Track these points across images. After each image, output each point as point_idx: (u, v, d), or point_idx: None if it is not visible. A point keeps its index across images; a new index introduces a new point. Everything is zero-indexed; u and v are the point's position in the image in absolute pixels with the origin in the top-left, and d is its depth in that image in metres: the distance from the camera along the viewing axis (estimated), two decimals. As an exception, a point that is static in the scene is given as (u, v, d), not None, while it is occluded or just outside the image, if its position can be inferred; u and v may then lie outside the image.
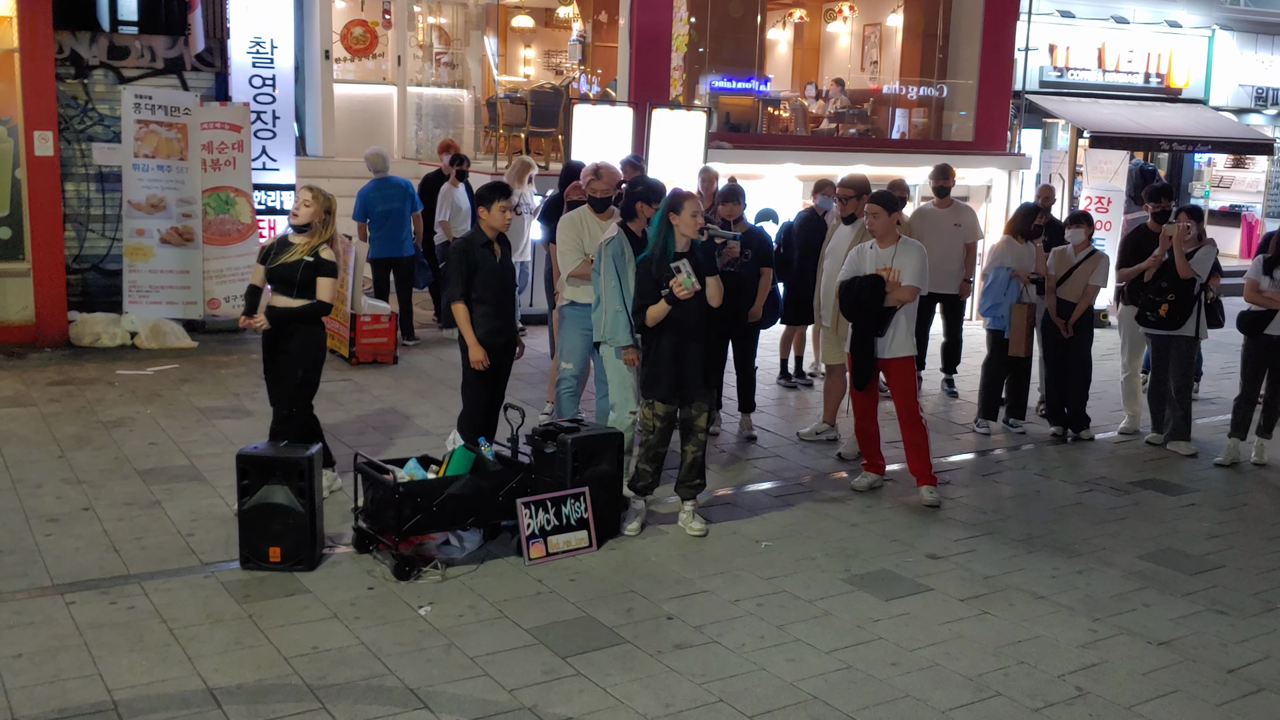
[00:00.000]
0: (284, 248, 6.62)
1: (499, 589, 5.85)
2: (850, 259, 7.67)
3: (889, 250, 7.46)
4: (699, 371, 6.61)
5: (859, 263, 7.57)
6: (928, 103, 17.59)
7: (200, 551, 6.18)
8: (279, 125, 12.30)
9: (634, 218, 7.20)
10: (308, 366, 6.71)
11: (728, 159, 14.05)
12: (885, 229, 7.45)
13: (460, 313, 6.94)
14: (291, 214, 6.68)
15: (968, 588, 6.18)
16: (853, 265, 7.61)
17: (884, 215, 7.43)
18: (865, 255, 7.56)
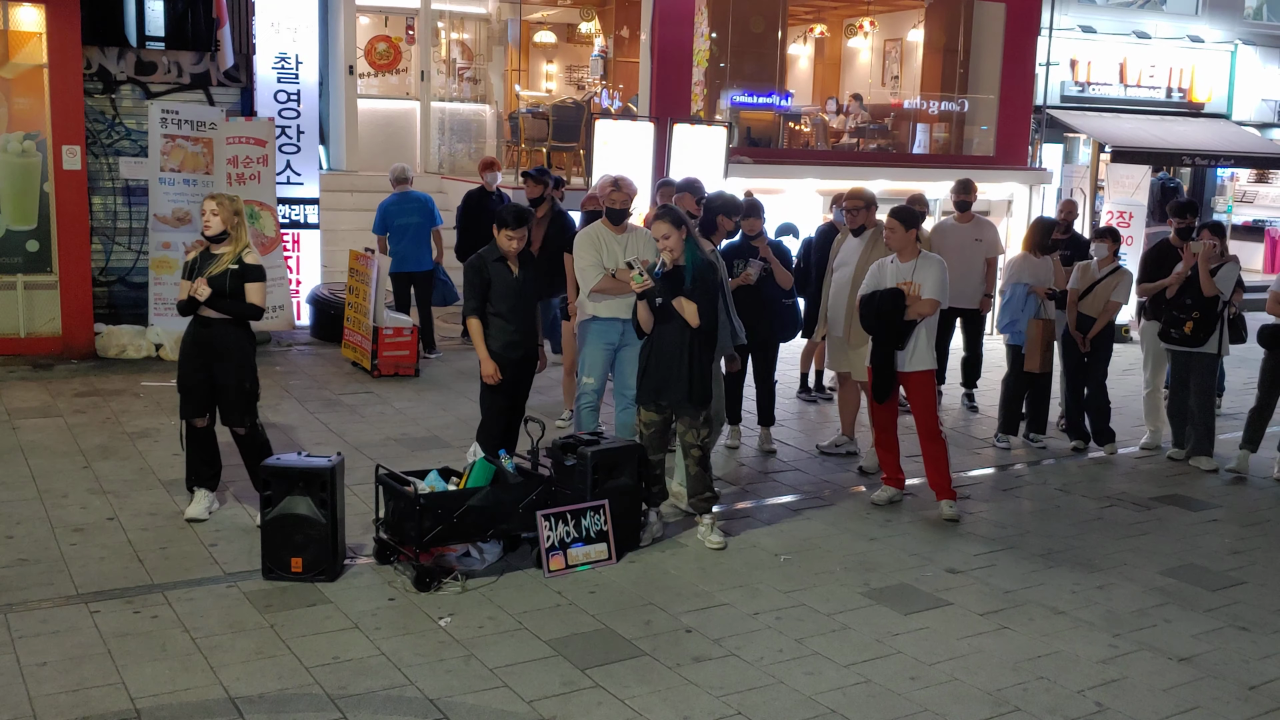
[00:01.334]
0: (208, 260, 6.59)
1: (519, 601, 5.86)
2: (871, 273, 7.68)
3: (909, 264, 7.46)
4: (679, 383, 6.59)
5: (879, 277, 7.57)
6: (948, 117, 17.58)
7: (223, 561, 6.21)
8: (303, 140, 12.40)
9: (714, 231, 7.30)
10: (251, 379, 6.76)
11: (748, 173, 14.08)
12: (903, 243, 7.45)
13: (474, 327, 6.98)
14: (204, 226, 6.61)
15: (987, 602, 6.16)
16: (873, 279, 7.61)
17: (901, 230, 7.44)
18: (886, 270, 7.56)
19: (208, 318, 6.62)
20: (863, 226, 8.39)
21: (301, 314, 12.33)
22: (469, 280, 6.97)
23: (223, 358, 6.64)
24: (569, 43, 20.73)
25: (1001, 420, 9.49)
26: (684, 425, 6.68)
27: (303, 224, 12.45)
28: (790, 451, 8.92)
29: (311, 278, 12.52)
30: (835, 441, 8.96)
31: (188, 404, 6.75)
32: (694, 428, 6.67)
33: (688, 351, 6.56)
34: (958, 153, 17.46)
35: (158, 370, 10.67)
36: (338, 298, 11.91)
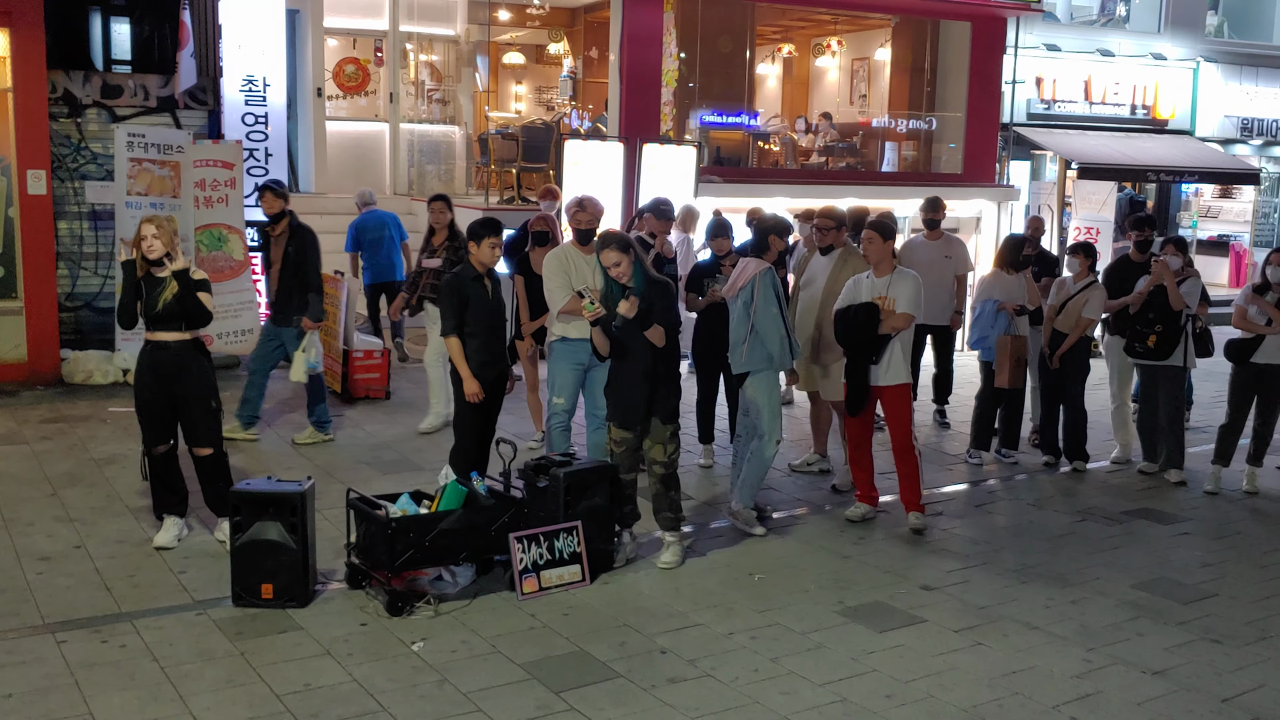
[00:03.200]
0: (155, 284, 6.52)
1: (492, 624, 5.84)
2: (847, 289, 7.72)
3: (884, 279, 7.52)
4: (642, 400, 6.58)
5: (855, 292, 7.62)
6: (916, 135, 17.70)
7: (192, 589, 6.16)
8: (271, 162, 12.34)
9: (766, 250, 7.35)
10: (216, 397, 6.74)
11: (718, 192, 14.13)
12: (881, 255, 7.51)
13: (455, 346, 6.99)
14: (146, 250, 6.49)
15: (962, 619, 6.18)
16: (849, 294, 7.65)
17: (879, 241, 7.50)
18: (861, 285, 7.61)
19: (163, 341, 6.56)
20: (831, 246, 8.41)
21: (270, 337, 12.23)
22: (447, 299, 6.95)
23: (183, 378, 6.59)
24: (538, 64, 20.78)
25: (973, 436, 9.53)
26: (650, 442, 6.68)
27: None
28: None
29: (281, 302, 12.43)
30: (808, 460, 8.97)
31: (150, 431, 6.69)
32: (660, 443, 6.66)
33: (653, 371, 6.56)
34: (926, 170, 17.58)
35: (124, 396, 10.57)
36: (307, 321, 11.83)
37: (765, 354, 7.31)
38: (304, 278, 8.83)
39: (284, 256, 8.88)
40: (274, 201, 9.01)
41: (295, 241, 8.91)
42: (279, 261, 8.90)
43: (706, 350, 8.72)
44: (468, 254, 9.09)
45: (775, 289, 7.29)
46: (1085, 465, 9.38)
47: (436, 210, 9.53)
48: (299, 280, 8.83)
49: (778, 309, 7.28)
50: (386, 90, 17.46)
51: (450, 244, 9.37)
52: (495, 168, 15.74)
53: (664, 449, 6.66)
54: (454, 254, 9.25)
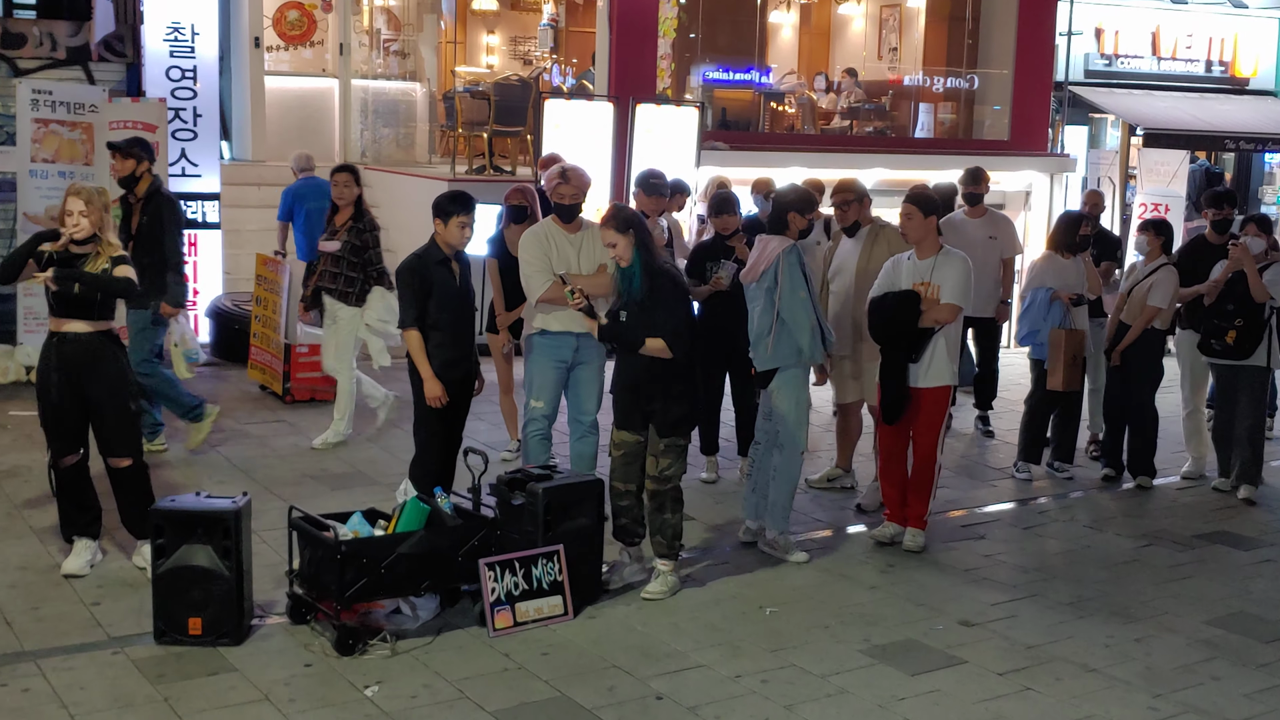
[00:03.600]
0: (71, 264, 6.48)
1: (459, 665, 5.83)
2: (885, 271, 7.73)
3: (928, 262, 7.51)
4: (636, 405, 6.63)
5: (893, 276, 7.63)
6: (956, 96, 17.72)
7: (107, 623, 6.14)
8: (201, 124, 12.33)
9: (785, 230, 7.37)
10: (135, 398, 6.75)
11: (724, 161, 14.12)
12: (922, 233, 7.52)
13: (414, 340, 6.97)
14: (71, 226, 6.45)
15: (1007, 660, 6.19)
16: (887, 279, 7.66)
17: (918, 217, 7.51)
18: (901, 267, 7.62)
19: (73, 333, 6.54)
20: (856, 224, 8.41)
21: (200, 329, 12.23)
22: (406, 285, 6.91)
23: (95, 376, 6.57)
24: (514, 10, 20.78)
25: (1022, 447, 9.54)
26: (650, 450, 6.70)
27: (201, 223, 12.36)
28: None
29: (212, 287, 12.44)
30: (829, 475, 8.99)
31: (58, 439, 6.67)
32: (654, 455, 6.68)
33: (649, 374, 6.58)
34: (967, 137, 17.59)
35: (29, 396, 10.52)
36: (242, 310, 11.83)
37: (794, 347, 7.31)
38: (161, 255, 8.54)
39: (138, 228, 8.56)
40: (124, 163, 8.62)
41: (150, 209, 8.58)
42: (135, 231, 8.56)
43: (710, 346, 8.72)
44: (372, 236, 9.06)
45: (802, 269, 7.31)
46: (1152, 481, 9.41)
47: (342, 183, 9.24)
48: (155, 258, 8.47)
49: (806, 293, 7.29)
50: (335, 40, 17.42)
51: (355, 225, 9.16)
52: (463, 132, 15.72)
53: (656, 463, 6.67)
54: (357, 236, 9.11)
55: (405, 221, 14.84)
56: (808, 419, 7.49)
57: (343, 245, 9.16)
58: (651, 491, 6.73)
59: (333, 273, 9.20)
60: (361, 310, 9.24)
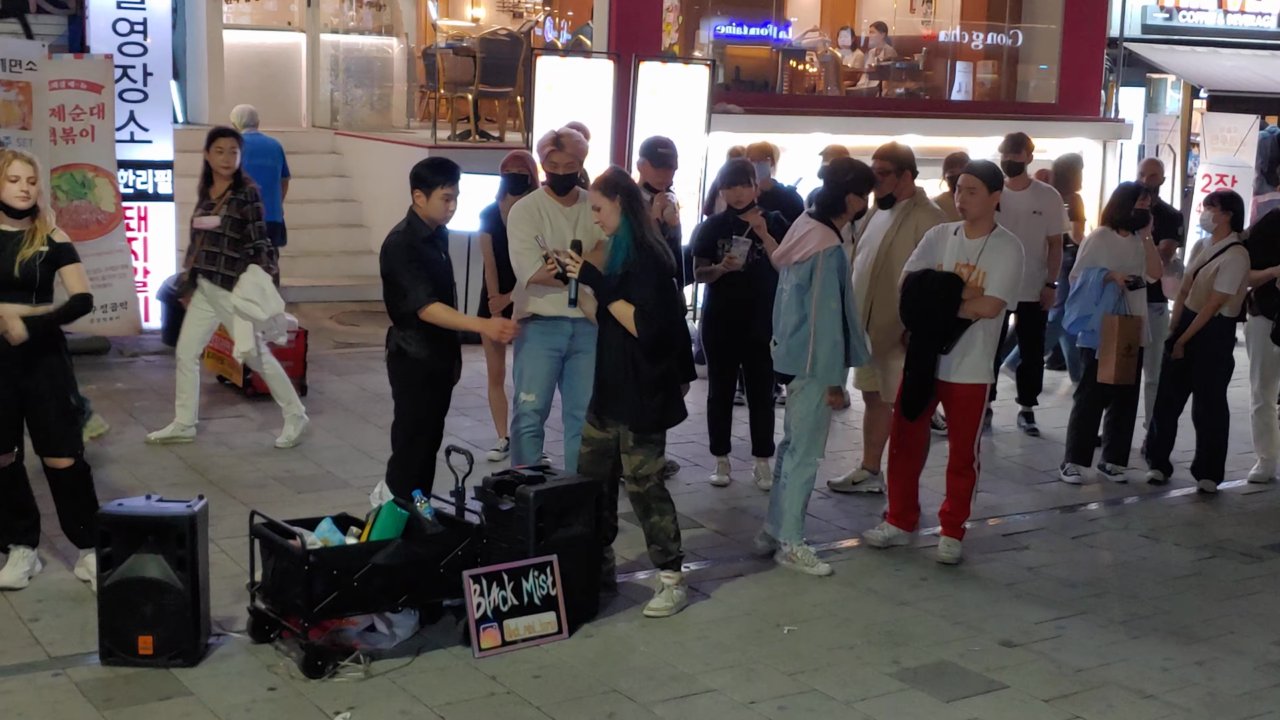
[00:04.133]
0: (7, 241, 6.49)
1: (440, 689, 5.84)
2: (927, 242, 7.73)
3: (977, 242, 7.51)
4: (609, 394, 6.69)
5: (936, 248, 7.63)
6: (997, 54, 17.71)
7: (47, 642, 6.14)
8: (152, 84, 12.30)
9: (840, 213, 7.37)
10: (75, 392, 6.75)
11: (738, 126, 14.11)
12: (983, 210, 7.52)
13: (441, 312, 6.89)
14: (16, 198, 6.46)
15: (1054, 684, 6.19)
16: (928, 251, 7.66)
17: (983, 192, 7.51)
18: (947, 241, 7.62)
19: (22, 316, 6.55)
20: (891, 196, 8.42)
21: (150, 314, 12.22)
22: (406, 263, 6.85)
23: (33, 368, 6.57)
24: (502, -44, 20.75)
25: (1070, 447, 9.54)
26: (624, 448, 6.74)
27: (152, 195, 12.34)
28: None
29: (164, 266, 12.42)
30: (853, 478, 8.99)
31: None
32: (626, 453, 6.72)
33: (619, 359, 6.62)
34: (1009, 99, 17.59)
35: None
36: (198, 292, 11.82)
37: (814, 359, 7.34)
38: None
39: None
40: None
41: None
42: None
43: (721, 335, 8.72)
44: (253, 208, 8.93)
45: (841, 277, 7.29)
46: (1216, 486, 9.41)
47: (228, 149, 9.06)
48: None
49: (839, 303, 7.27)
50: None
51: (234, 196, 9.01)
52: (446, 93, 15.72)
53: (629, 461, 6.71)
54: (237, 209, 8.96)
55: (380, 193, 14.90)
56: (824, 426, 7.49)
57: (222, 220, 8.98)
58: (632, 495, 6.76)
59: (210, 252, 9.00)
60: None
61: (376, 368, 10.67)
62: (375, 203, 15.14)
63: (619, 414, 6.67)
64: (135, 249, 12.08)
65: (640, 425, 6.64)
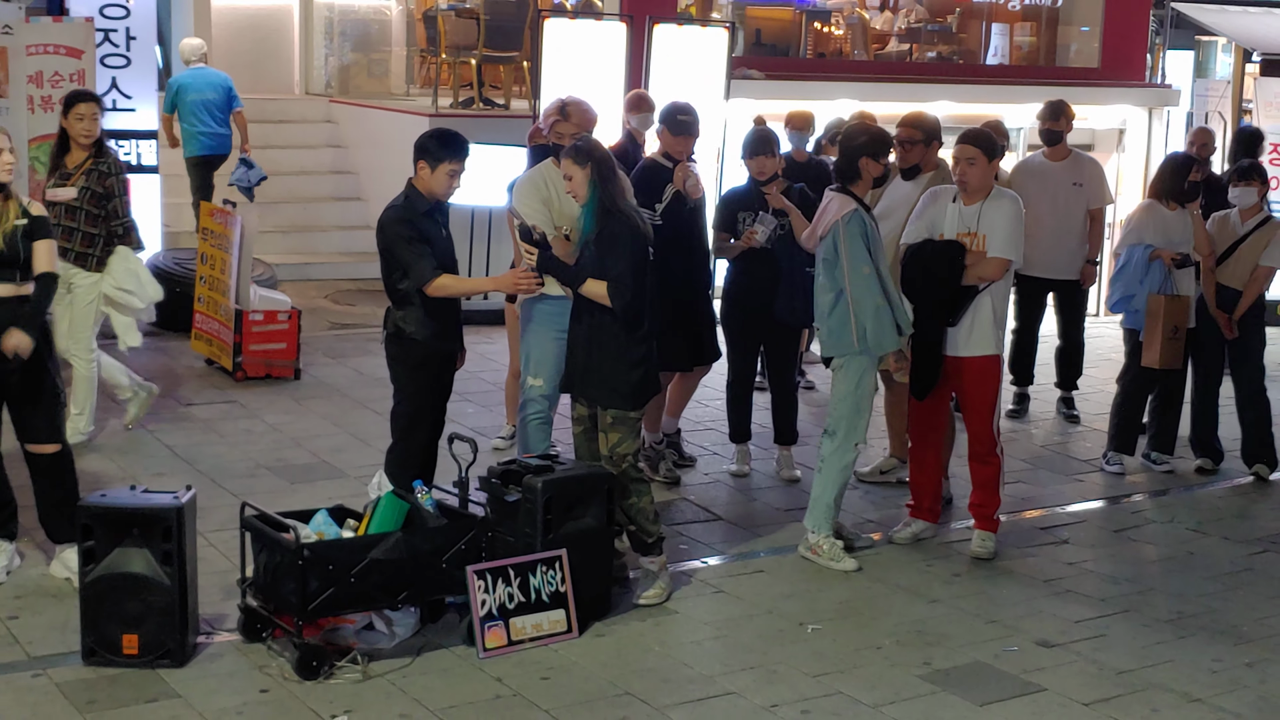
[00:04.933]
0: None
1: (442, 691, 5.85)
2: (923, 207, 7.77)
3: (974, 208, 7.54)
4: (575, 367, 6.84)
5: (933, 217, 7.66)
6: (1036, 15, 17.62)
7: (26, 641, 6.17)
8: (135, 49, 12.31)
9: (856, 179, 7.42)
10: (59, 374, 6.79)
11: (758, 92, 14.07)
12: (983, 181, 7.53)
13: (450, 283, 6.90)
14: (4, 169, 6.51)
15: (1095, 687, 6.19)
16: (926, 219, 7.70)
17: (983, 162, 7.53)
18: (945, 210, 7.65)
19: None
20: (917, 166, 8.41)
21: (135, 292, 12.24)
22: (407, 238, 6.84)
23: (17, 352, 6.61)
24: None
25: (1113, 434, 9.52)
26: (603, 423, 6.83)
27: (136, 167, 12.35)
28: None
29: (149, 242, 12.42)
30: (881, 466, 8.99)
31: None
32: (604, 431, 6.81)
33: (608, 336, 6.73)
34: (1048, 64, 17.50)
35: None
36: (185, 270, 11.85)
37: (859, 331, 7.36)
38: None
39: None
40: None
41: None
42: None
43: (742, 315, 8.72)
44: (118, 181, 8.69)
45: (866, 238, 7.32)
46: (1271, 472, 9.40)
47: (89, 115, 8.68)
48: None
49: (871, 268, 7.30)
50: (295, -52, 17.42)
51: (95, 167, 8.68)
52: (447, 58, 15.70)
53: (606, 439, 6.81)
54: (99, 182, 8.66)
55: (378, 164, 14.90)
56: (869, 408, 7.50)
57: (80, 192, 8.65)
58: (626, 474, 6.82)
59: (68, 228, 8.63)
60: (101, 276, 8.82)
61: (374, 350, 10.69)
62: (373, 175, 15.14)
63: (596, 394, 6.80)
64: (118, 224, 12.09)
65: (617, 403, 6.74)
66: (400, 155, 7.45)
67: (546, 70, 12.51)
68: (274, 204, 14.17)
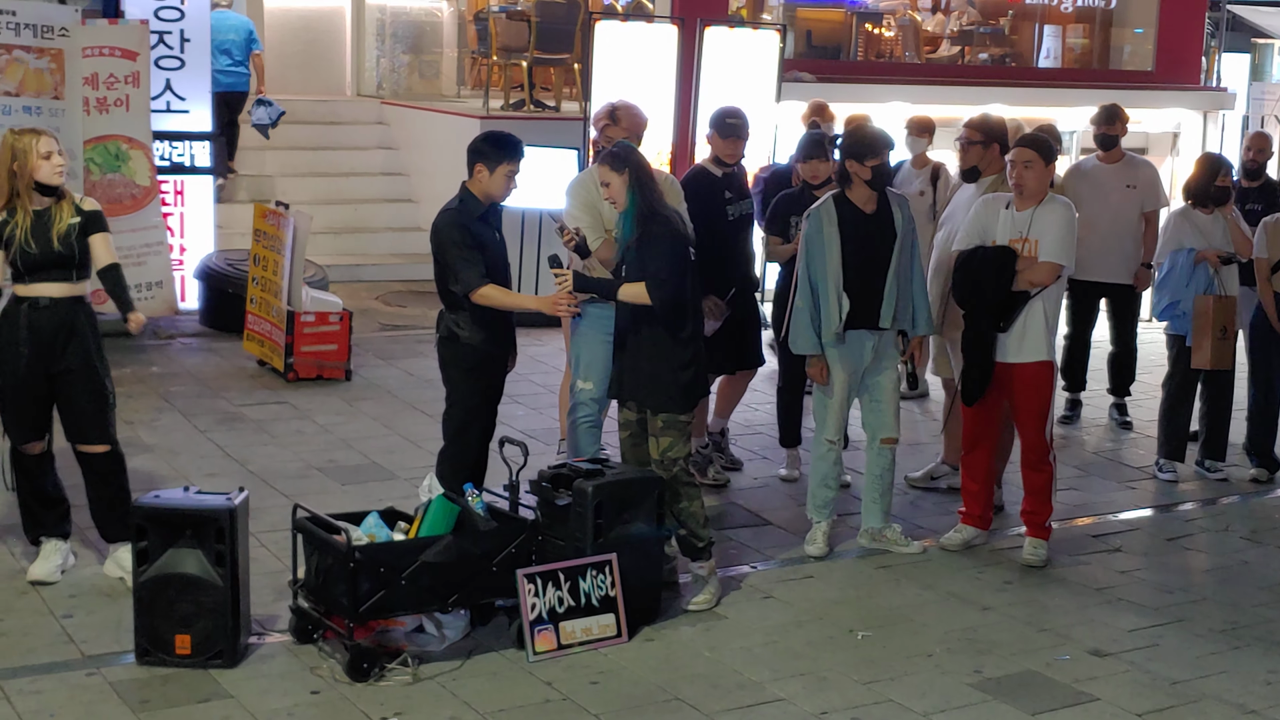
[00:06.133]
0: (39, 220, 6.57)
1: (492, 694, 5.86)
2: (975, 215, 7.74)
3: (1027, 213, 7.53)
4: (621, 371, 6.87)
5: (985, 222, 7.65)
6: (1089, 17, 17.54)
7: (81, 640, 6.22)
8: (189, 51, 12.39)
9: (848, 183, 7.47)
10: (109, 375, 6.84)
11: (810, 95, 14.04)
12: (1039, 185, 7.51)
13: (495, 294, 6.89)
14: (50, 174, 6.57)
15: (1147, 697, 6.15)
16: (978, 226, 7.68)
17: (1039, 166, 7.50)
18: (998, 216, 7.63)
19: (46, 298, 6.62)
20: (976, 169, 8.39)
21: (187, 294, 12.34)
22: (460, 244, 6.85)
23: (69, 350, 6.66)
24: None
25: (1162, 440, 9.45)
26: (654, 429, 6.82)
27: (189, 168, 12.43)
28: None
29: (202, 243, 12.53)
30: (932, 472, 8.95)
31: (19, 422, 6.77)
32: (654, 436, 6.80)
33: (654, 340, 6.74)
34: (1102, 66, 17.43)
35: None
36: (238, 271, 11.93)
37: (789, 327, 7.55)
38: None
39: None
40: None
41: None
42: None
43: None
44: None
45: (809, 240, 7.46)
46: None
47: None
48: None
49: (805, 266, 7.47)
50: (348, -49, 17.50)
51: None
52: (498, 60, 15.74)
53: (657, 444, 6.80)
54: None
55: (429, 166, 14.96)
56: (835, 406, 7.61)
57: None
58: (676, 477, 6.81)
59: None
60: None
61: (425, 352, 10.74)
62: (424, 176, 15.20)
63: (645, 397, 6.80)
64: (171, 225, 12.19)
65: (668, 406, 6.74)
66: (451, 157, 7.49)
67: (597, 72, 12.53)
68: (325, 205, 14.23)
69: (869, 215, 7.45)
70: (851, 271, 7.40)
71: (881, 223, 7.48)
